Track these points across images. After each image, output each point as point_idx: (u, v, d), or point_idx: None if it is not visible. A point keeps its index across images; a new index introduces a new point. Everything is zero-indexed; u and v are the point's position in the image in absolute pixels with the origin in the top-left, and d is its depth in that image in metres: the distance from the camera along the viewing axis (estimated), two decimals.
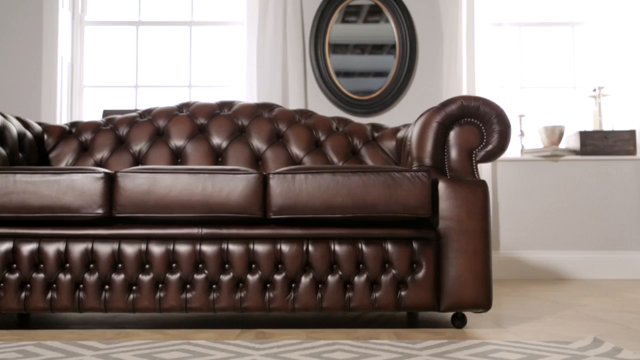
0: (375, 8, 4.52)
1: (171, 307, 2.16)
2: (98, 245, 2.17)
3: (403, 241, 2.18)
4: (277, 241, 2.18)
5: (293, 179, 2.15)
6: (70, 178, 2.15)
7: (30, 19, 4.48)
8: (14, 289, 2.15)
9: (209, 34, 4.73)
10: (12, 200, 2.13)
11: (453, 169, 2.27)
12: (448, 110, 2.29)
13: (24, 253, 2.16)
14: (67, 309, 2.16)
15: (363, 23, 4.54)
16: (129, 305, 2.15)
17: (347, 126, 2.92)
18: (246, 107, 2.96)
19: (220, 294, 2.16)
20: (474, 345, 1.88)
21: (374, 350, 1.82)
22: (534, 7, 4.65)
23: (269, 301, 2.16)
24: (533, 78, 4.63)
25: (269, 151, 2.83)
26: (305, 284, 2.17)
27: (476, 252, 2.15)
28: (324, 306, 2.17)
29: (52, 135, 2.85)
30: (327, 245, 2.17)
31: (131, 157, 2.82)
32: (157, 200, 2.14)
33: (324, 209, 2.14)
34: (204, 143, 2.85)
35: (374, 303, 2.17)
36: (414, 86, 4.51)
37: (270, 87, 4.37)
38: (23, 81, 4.46)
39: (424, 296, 2.16)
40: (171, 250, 2.17)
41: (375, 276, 2.17)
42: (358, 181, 2.14)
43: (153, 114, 2.94)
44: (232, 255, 2.17)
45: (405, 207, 2.13)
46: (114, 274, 2.17)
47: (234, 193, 2.14)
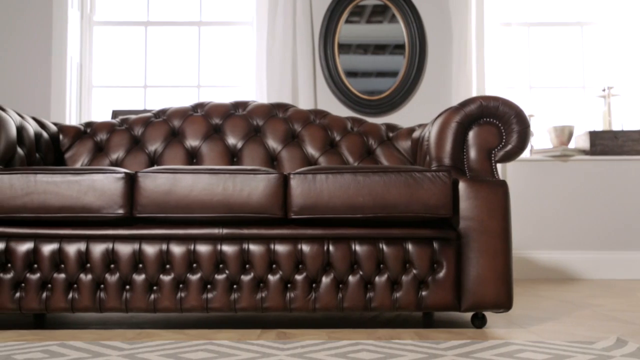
0: (384, 8, 4.52)
1: (192, 307, 2.16)
2: (119, 246, 2.17)
3: (423, 241, 2.18)
4: (298, 241, 2.18)
5: (314, 179, 2.15)
6: (91, 178, 2.15)
7: (40, 19, 4.48)
8: (35, 289, 2.15)
9: (217, 34, 4.73)
10: (33, 200, 2.13)
11: (472, 169, 2.27)
12: (467, 110, 2.29)
13: (45, 253, 2.16)
14: (88, 309, 2.16)
15: (372, 23, 4.54)
16: (150, 305, 2.16)
17: (361, 126, 2.92)
18: (261, 107, 2.96)
19: (241, 294, 2.16)
20: (498, 345, 1.88)
21: (399, 350, 1.82)
22: (543, 7, 4.65)
23: (289, 301, 2.17)
24: (542, 78, 4.63)
25: (285, 151, 2.83)
26: (326, 284, 2.17)
27: (497, 252, 2.15)
28: (345, 306, 2.17)
29: (68, 135, 2.85)
30: (347, 245, 2.18)
31: (146, 157, 2.82)
32: (178, 201, 2.14)
33: (345, 209, 2.14)
34: (220, 143, 2.85)
35: (394, 303, 2.17)
36: (424, 86, 4.51)
37: (280, 87, 4.37)
38: (33, 81, 4.46)
39: (444, 296, 2.16)
40: (192, 251, 2.17)
41: (396, 276, 2.17)
42: (379, 181, 2.14)
43: (168, 114, 2.94)
44: (253, 255, 2.17)
45: (426, 207, 2.13)
46: (135, 274, 2.17)
47: (254, 193, 2.14)
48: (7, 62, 4.45)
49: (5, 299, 2.15)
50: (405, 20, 4.50)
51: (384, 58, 4.52)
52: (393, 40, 4.52)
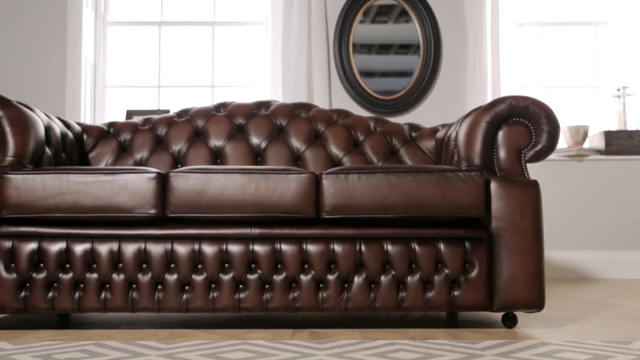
0: (399, 8, 4.52)
1: (224, 307, 2.16)
2: (151, 246, 2.17)
3: (455, 241, 2.18)
4: (330, 241, 2.18)
5: (346, 178, 2.15)
6: (123, 178, 2.15)
7: (55, 20, 4.48)
8: (68, 289, 2.15)
9: (231, 34, 4.73)
10: (66, 200, 2.13)
11: (502, 168, 2.27)
12: (497, 110, 2.29)
13: (77, 253, 2.16)
14: (121, 309, 2.16)
15: (387, 23, 4.54)
16: (182, 305, 2.16)
17: (384, 126, 2.92)
18: (283, 106, 2.96)
19: (273, 294, 2.16)
20: (534, 345, 1.88)
21: (437, 350, 1.82)
22: (557, 6, 4.65)
23: (322, 301, 2.17)
24: (556, 78, 4.63)
25: (308, 151, 2.84)
26: (358, 284, 2.17)
27: (529, 252, 2.15)
28: (377, 306, 2.17)
29: (91, 135, 2.85)
30: (379, 245, 2.18)
31: (171, 157, 2.82)
32: (211, 200, 2.14)
33: (377, 209, 2.14)
34: (243, 143, 2.85)
35: (427, 303, 2.17)
36: (438, 86, 4.51)
37: (296, 87, 4.37)
38: (47, 81, 4.46)
39: (477, 296, 2.16)
40: (224, 250, 2.17)
41: (428, 276, 2.17)
42: (411, 181, 2.15)
43: (191, 113, 2.94)
44: (285, 255, 2.17)
45: (459, 207, 2.13)
46: (167, 274, 2.17)
47: (287, 193, 2.14)
48: (23, 62, 4.45)
49: (38, 299, 2.15)
50: (420, 20, 4.50)
51: (399, 58, 4.52)
52: (408, 40, 4.52)
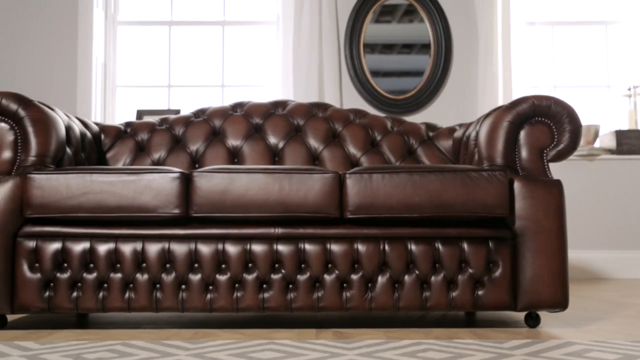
0: (410, 7, 4.52)
1: (248, 307, 2.16)
2: (174, 245, 2.17)
3: (479, 240, 2.18)
4: (354, 241, 2.18)
5: (370, 178, 2.15)
6: (147, 178, 2.15)
7: (65, 19, 4.47)
8: (92, 289, 2.15)
9: (241, 33, 4.73)
10: (89, 200, 2.13)
11: (525, 168, 2.27)
12: (519, 110, 2.29)
13: (101, 253, 2.16)
14: (145, 309, 2.16)
15: (398, 22, 4.54)
16: (206, 305, 2.16)
17: (401, 126, 2.92)
18: (300, 106, 2.96)
19: (297, 294, 2.16)
20: (561, 345, 1.88)
21: (465, 350, 1.82)
22: (567, 6, 4.65)
23: (346, 301, 2.17)
24: (566, 77, 4.63)
25: (326, 151, 2.84)
26: (382, 283, 2.17)
27: (554, 252, 2.15)
28: (401, 306, 2.17)
29: (109, 135, 2.84)
30: (403, 245, 2.18)
31: (188, 156, 2.82)
32: (234, 200, 2.14)
33: (401, 209, 2.14)
34: (261, 143, 2.85)
35: (451, 303, 2.17)
36: (449, 85, 4.51)
37: (307, 87, 4.37)
38: (59, 81, 4.46)
39: (501, 296, 2.16)
40: (247, 250, 2.17)
41: (452, 276, 2.17)
42: (435, 180, 2.14)
43: (207, 113, 2.94)
44: (309, 255, 2.17)
45: (484, 207, 2.13)
46: (191, 274, 2.17)
47: (310, 192, 2.14)
48: (34, 62, 4.45)
49: (62, 299, 2.15)
50: (431, 19, 4.50)
51: (410, 57, 4.52)
52: (418, 40, 4.52)
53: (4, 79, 4.43)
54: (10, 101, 2.26)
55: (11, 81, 4.44)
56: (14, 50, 4.45)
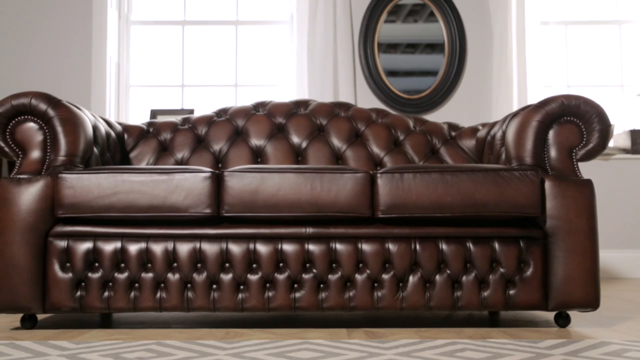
0: (424, 7, 4.52)
1: (279, 307, 2.16)
2: (205, 245, 2.17)
3: (510, 240, 2.18)
4: (385, 240, 2.18)
5: (401, 177, 2.15)
6: (178, 178, 2.15)
7: (80, 19, 4.47)
8: (123, 289, 2.15)
9: (254, 33, 4.73)
10: (121, 199, 2.13)
11: (554, 167, 2.27)
12: (548, 109, 2.29)
13: (132, 253, 2.16)
14: (176, 309, 2.16)
15: (411, 22, 4.54)
16: (237, 304, 2.15)
17: (424, 125, 2.92)
18: (322, 106, 2.96)
19: (328, 293, 2.16)
20: (597, 344, 1.88)
21: (502, 349, 1.82)
22: (581, 5, 4.65)
23: (377, 300, 2.17)
24: (580, 76, 4.63)
25: (349, 150, 2.83)
26: (414, 283, 2.17)
27: (585, 251, 2.15)
28: (432, 305, 2.17)
29: (132, 135, 2.84)
30: (435, 244, 2.18)
31: (212, 156, 2.82)
32: (266, 200, 2.14)
33: (433, 208, 2.14)
34: (284, 142, 2.84)
35: (482, 302, 2.17)
36: (463, 85, 4.51)
37: (322, 87, 4.36)
38: (73, 81, 4.46)
39: (532, 295, 2.16)
40: (279, 250, 2.17)
41: (483, 275, 2.17)
42: (467, 180, 2.14)
43: (230, 113, 2.94)
44: (340, 254, 2.17)
45: (516, 206, 2.13)
46: (222, 274, 2.17)
47: (342, 192, 2.14)
48: (48, 62, 4.45)
49: (93, 299, 2.14)
50: (445, 19, 4.50)
51: (424, 57, 4.52)
52: (433, 40, 4.52)
53: (20, 79, 4.43)
54: (39, 101, 2.25)
55: (26, 81, 4.44)
56: (29, 50, 4.45)
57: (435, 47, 4.51)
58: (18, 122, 2.26)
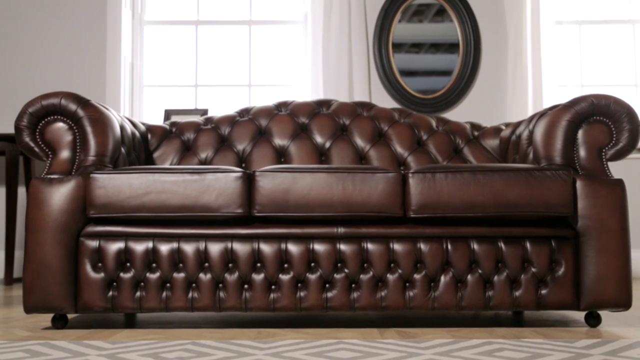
0: (438, 7, 4.52)
1: (311, 307, 2.16)
2: (237, 245, 2.17)
3: (542, 239, 2.18)
4: (417, 240, 2.18)
5: (433, 177, 2.15)
6: (209, 177, 2.15)
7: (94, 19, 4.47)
8: (155, 289, 2.15)
9: (267, 32, 4.73)
10: (153, 199, 2.13)
11: (584, 167, 2.27)
12: (578, 109, 2.28)
13: (164, 253, 2.16)
14: (208, 309, 2.16)
15: (426, 22, 4.54)
16: (269, 304, 2.15)
17: (446, 125, 2.92)
18: (345, 105, 2.96)
19: (360, 293, 2.16)
20: (634, 344, 1.88)
21: (540, 349, 1.82)
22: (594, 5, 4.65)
23: (409, 300, 2.17)
24: (593, 76, 4.63)
25: (373, 150, 2.83)
26: (445, 282, 2.17)
27: (617, 251, 2.15)
28: (464, 305, 2.17)
29: (155, 135, 2.84)
30: (466, 244, 2.18)
31: (235, 156, 2.82)
32: (297, 200, 2.14)
33: (465, 208, 2.14)
34: (308, 142, 2.84)
35: (514, 302, 2.17)
36: (478, 85, 4.51)
37: (337, 87, 4.37)
38: (88, 81, 4.46)
39: (564, 295, 2.16)
40: (310, 250, 2.17)
41: (515, 275, 2.17)
42: (499, 180, 2.14)
43: (252, 113, 2.94)
44: (372, 254, 2.17)
45: (548, 206, 2.13)
46: (254, 274, 2.17)
47: (374, 192, 2.14)
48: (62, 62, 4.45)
49: (125, 298, 2.14)
50: (460, 19, 4.51)
51: (438, 57, 4.52)
52: (447, 40, 4.52)
53: (34, 79, 4.43)
54: (69, 101, 2.25)
55: (41, 81, 4.44)
56: (44, 50, 4.45)
57: (450, 47, 4.51)
58: (48, 122, 2.26)
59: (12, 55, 4.44)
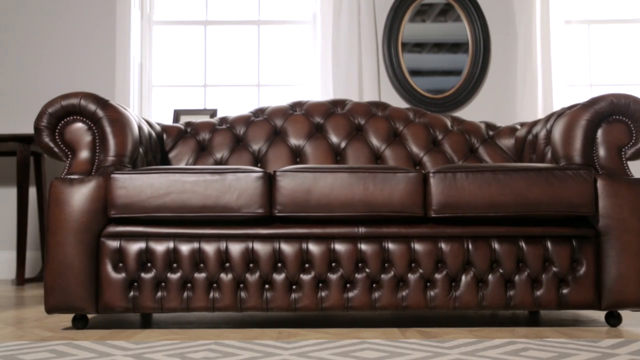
0: (448, 7, 4.52)
1: (332, 306, 2.16)
2: (258, 245, 2.17)
3: (563, 239, 2.18)
4: (438, 240, 2.17)
5: (454, 177, 2.15)
6: (230, 178, 2.15)
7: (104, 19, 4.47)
8: (176, 289, 2.15)
9: (276, 33, 4.73)
10: (174, 200, 2.13)
11: (604, 166, 2.27)
12: (597, 108, 2.28)
13: (184, 253, 2.16)
14: (229, 309, 2.15)
15: (435, 22, 4.54)
16: (290, 304, 2.15)
17: (461, 125, 2.92)
18: (359, 105, 2.95)
19: (382, 293, 2.16)
20: None
21: (565, 349, 1.82)
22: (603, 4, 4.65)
23: (430, 300, 2.16)
24: (602, 76, 4.63)
25: (388, 150, 2.83)
26: (466, 282, 2.17)
27: (639, 250, 2.15)
28: (485, 305, 2.17)
29: (170, 135, 2.84)
30: (487, 244, 2.18)
31: (251, 156, 2.82)
32: (319, 199, 2.14)
33: (486, 208, 2.13)
34: (323, 142, 2.84)
35: (536, 301, 2.17)
36: (487, 84, 4.51)
37: (347, 86, 4.36)
38: (97, 81, 4.45)
39: (585, 294, 2.16)
40: (331, 249, 2.17)
41: (536, 274, 2.17)
42: (520, 179, 2.14)
43: (267, 113, 2.93)
44: (393, 254, 2.17)
45: (569, 205, 2.13)
46: (275, 274, 2.16)
47: (395, 192, 2.14)
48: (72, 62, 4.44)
49: (146, 299, 2.14)
50: (469, 18, 4.50)
51: (448, 57, 4.52)
52: (456, 39, 4.52)
53: (44, 80, 4.43)
54: (88, 101, 2.25)
55: (51, 82, 4.43)
56: (54, 51, 4.44)
57: (459, 47, 4.51)
58: (67, 122, 2.26)
59: (22, 56, 4.44)
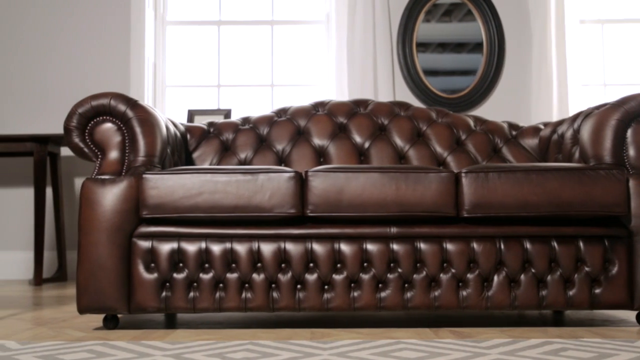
0: (462, 7, 4.52)
1: (364, 306, 2.16)
2: (289, 245, 2.17)
3: (595, 239, 2.18)
4: (470, 240, 2.17)
5: (486, 177, 2.15)
6: (262, 178, 2.15)
7: (118, 20, 4.47)
8: (209, 289, 2.15)
9: (289, 32, 4.73)
10: (206, 200, 2.12)
11: (634, 166, 2.27)
12: (627, 107, 2.28)
13: (216, 253, 2.16)
14: (261, 309, 2.15)
15: (450, 22, 4.53)
16: (323, 304, 2.15)
17: (484, 124, 2.92)
18: (382, 105, 2.95)
19: (414, 293, 2.16)
20: None
21: (604, 349, 1.81)
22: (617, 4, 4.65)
23: (462, 300, 2.16)
24: (616, 75, 4.63)
25: (412, 150, 2.83)
26: (499, 282, 2.17)
27: None
28: (517, 304, 2.16)
29: (194, 135, 2.84)
30: (519, 244, 2.17)
31: (275, 156, 2.82)
32: (351, 200, 2.14)
33: (518, 207, 2.13)
34: (347, 142, 2.84)
35: (568, 301, 2.16)
36: (502, 84, 4.51)
37: (362, 86, 4.36)
38: (112, 81, 4.45)
39: (618, 294, 2.16)
40: (363, 250, 2.16)
41: (568, 274, 2.17)
42: (552, 179, 2.14)
43: (290, 113, 2.93)
44: (425, 254, 2.16)
45: (602, 205, 2.13)
46: (307, 274, 2.16)
47: (427, 192, 2.14)
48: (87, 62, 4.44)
49: (179, 299, 2.14)
50: (484, 18, 4.50)
51: (462, 57, 4.52)
52: (471, 39, 4.52)
53: (59, 80, 4.43)
54: (118, 102, 2.25)
55: (65, 82, 4.43)
56: (68, 51, 4.44)
57: (474, 47, 4.51)
58: (97, 122, 2.26)
59: (37, 57, 4.44)
